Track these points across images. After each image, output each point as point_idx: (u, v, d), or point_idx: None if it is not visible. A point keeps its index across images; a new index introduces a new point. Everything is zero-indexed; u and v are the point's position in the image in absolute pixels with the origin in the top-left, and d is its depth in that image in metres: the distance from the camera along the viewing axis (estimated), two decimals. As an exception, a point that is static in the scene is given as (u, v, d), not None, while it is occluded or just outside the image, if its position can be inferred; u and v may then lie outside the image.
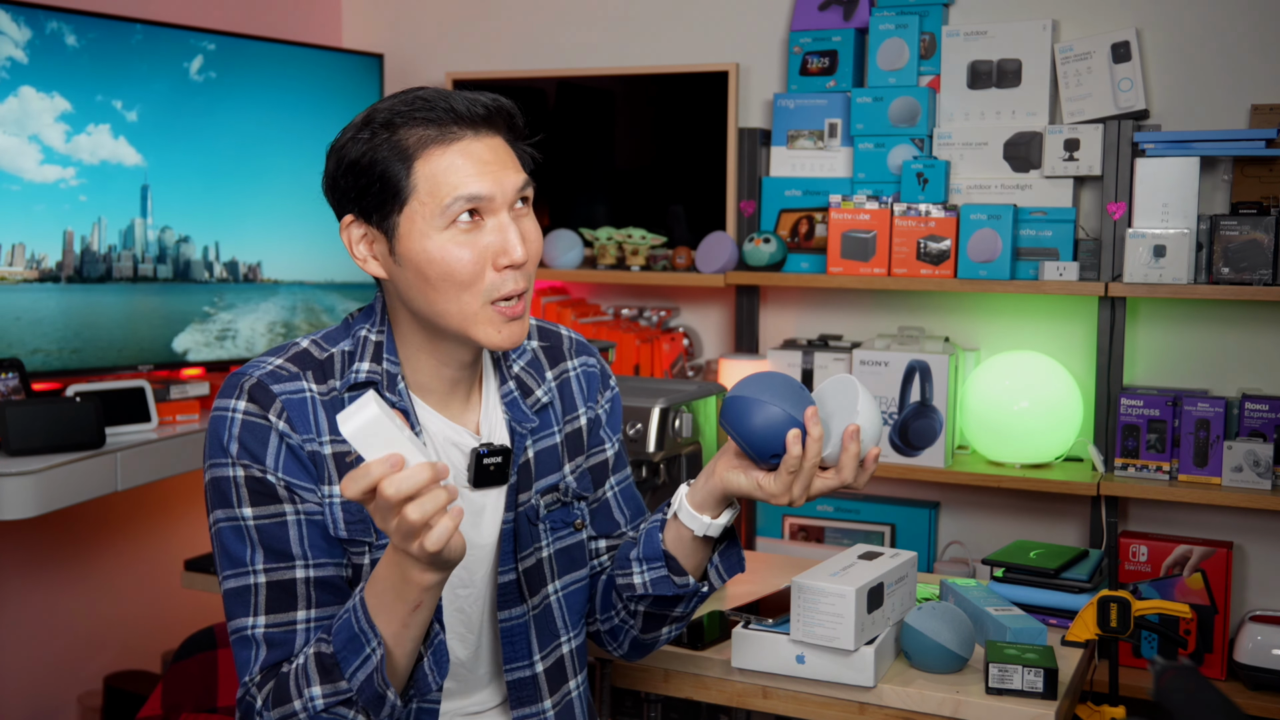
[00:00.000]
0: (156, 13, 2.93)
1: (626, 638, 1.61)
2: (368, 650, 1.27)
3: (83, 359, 2.67)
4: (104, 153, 2.70)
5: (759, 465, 1.43)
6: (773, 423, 1.38)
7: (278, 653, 1.35)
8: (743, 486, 1.43)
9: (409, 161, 1.34)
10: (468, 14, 3.54)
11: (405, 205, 1.35)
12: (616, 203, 3.32)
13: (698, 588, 1.51)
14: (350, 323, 1.48)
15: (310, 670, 1.30)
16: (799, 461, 1.38)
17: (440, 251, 1.34)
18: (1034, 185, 2.82)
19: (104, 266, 2.72)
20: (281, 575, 1.36)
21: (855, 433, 1.40)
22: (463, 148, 1.35)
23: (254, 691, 1.35)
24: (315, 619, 1.36)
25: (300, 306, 3.15)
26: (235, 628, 1.37)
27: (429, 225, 1.34)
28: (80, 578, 2.98)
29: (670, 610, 1.55)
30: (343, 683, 1.28)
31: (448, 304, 1.36)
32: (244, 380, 1.39)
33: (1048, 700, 1.67)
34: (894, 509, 3.02)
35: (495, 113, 1.38)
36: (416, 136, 1.34)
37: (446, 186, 1.34)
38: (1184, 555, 2.68)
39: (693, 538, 1.48)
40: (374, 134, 1.36)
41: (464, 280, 1.35)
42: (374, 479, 1.15)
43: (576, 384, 1.60)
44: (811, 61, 3.05)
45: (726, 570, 1.53)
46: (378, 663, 1.27)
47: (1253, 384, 2.77)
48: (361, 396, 1.17)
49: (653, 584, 1.49)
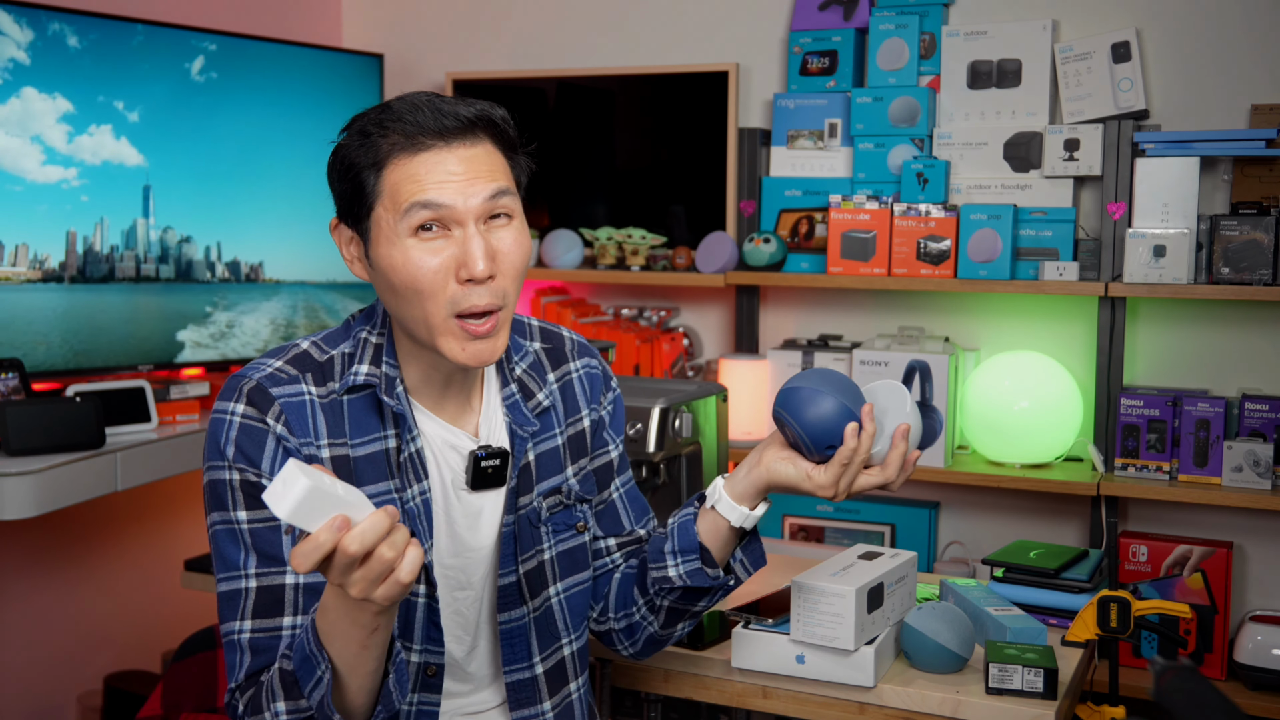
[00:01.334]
0: (157, 13, 2.94)
1: (643, 634, 1.61)
2: (319, 673, 1.25)
3: (88, 359, 2.68)
4: (106, 153, 2.70)
5: (809, 457, 1.46)
6: (831, 414, 1.42)
7: (262, 659, 1.35)
8: (791, 477, 1.46)
9: (380, 168, 1.35)
10: (468, 14, 3.54)
11: (373, 211, 1.36)
12: (616, 203, 3.32)
13: (726, 580, 1.52)
14: (351, 324, 1.48)
15: (275, 685, 1.29)
16: (852, 454, 1.42)
17: (403, 258, 1.34)
18: (1034, 185, 2.83)
19: (106, 267, 2.73)
20: (272, 580, 1.36)
21: (906, 432, 1.46)
22: (429, 158, 1.34)
23: (237, 697, 1.35)
24: (301, 625, 1.36)
25: (302, 306, 3.15)
26: (224, 631, 1.38)
27: (392, 232, 1.35)
28: (80, 578, 2.98)
29: (695, 604, 1.56)
30: (303, 700, 1.27)
31: (413, 312, 1.36)
32: (243, 383, 1.39)
33: (1048, 700, 1.67)
34: (894, 509, 3.02)
35: (476, 122, 1.36)
36: (389, 144, 1.35)
37: (404, 194, 1.34)
38: (1184, 555, 2.68)
39: (729, 528, 1.49)
40: (354, 139, 1.37)
41: (425, 290, 1.34)
42: (327, 549, 1.10)
43: (579, 386, 1.60)
44: (811, 61, 3.06)
45: (751, 564, 1.55)
46: (327, 686, 1.25)
47: (1253, 384, 2.77)
48: (281, 471, 1.09)
49: (689, 575, 1.50)
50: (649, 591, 1.56)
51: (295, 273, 3.12)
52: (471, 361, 1.37)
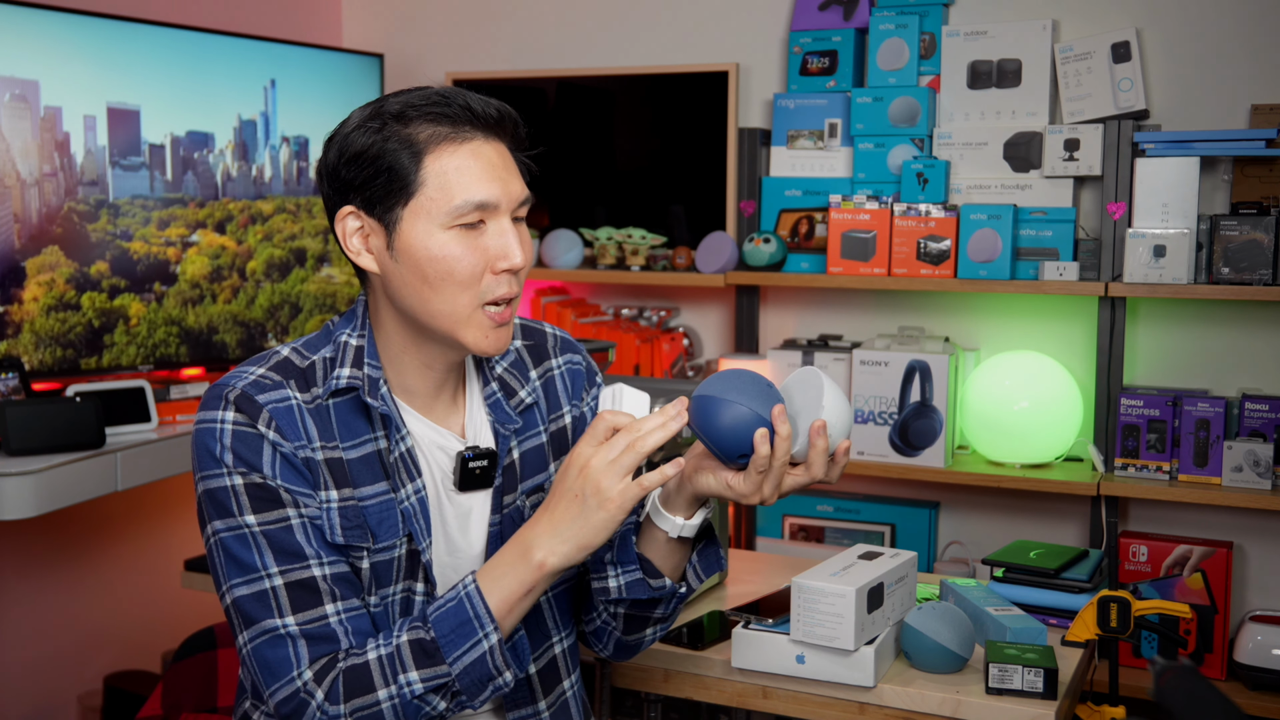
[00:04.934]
0: (157, 12, 2.93)
1: (610, 639, 1.59)
2: (479, 635, 1.31)
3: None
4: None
5: (728, 465, 1.40)
6: (739, 422, 1.34)
7: (324, 646, 1.33)
8: (712, 487, 1.41)
9: (419, 156, 1.34)
10: (468, 14, 3.54)
11: (411, 199, 1.35)
12: (616, 203, 3.32)
13: (674, 589, 1.48)
14: (331, 328, 1.47)
15: (405, 657, 1.31)
16: (768, 461, 1.35)
17: (442, 250, 1.34)
18: (1034, 185, 2.83)
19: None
20: (300, 575, 1.34)
21: (821, 428, 1.36)
22: (474, 149, 1.36)
23: (310, 687, 1.31)
24: (344, 611, 1.35)
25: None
26: (260, 630, 1.34)
27: (433, 222, 1.34)
28: (80, 578, 2.98)
29: (650, 612, 1.53)
30: (443, 666, 1.31)
31: (442, 304, 1.36)
32: (227, 391, 1.37)
33: (1048, 700, 1.67)
34: (894, 509, 3.02)
35: (504, 119, 1.39)
36: (429, 131, 1.34)
37: (458, 187, 1.34)
38: (1184, 555, 2.68)
39: (667, 539, 1.46)
40: (384, 124, 1.35)
41: (463, 281, 1.35)
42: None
43: (561, 382, 1.59)
44: (811, 61, 3.06)
45: (704, 570, 1.52)
46: (493, 645, 1.32)
47: (1253, 384, 2.77)
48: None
49: (628, 587, 1.46)
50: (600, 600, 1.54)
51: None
52: (492, 349, 1.39)
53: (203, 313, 2.87)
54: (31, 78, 2.52)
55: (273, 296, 3.02)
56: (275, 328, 3.03)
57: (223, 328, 2.91)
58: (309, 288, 3.11)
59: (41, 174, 2.54)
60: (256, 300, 2.99)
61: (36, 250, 2.54)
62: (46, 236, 2.56)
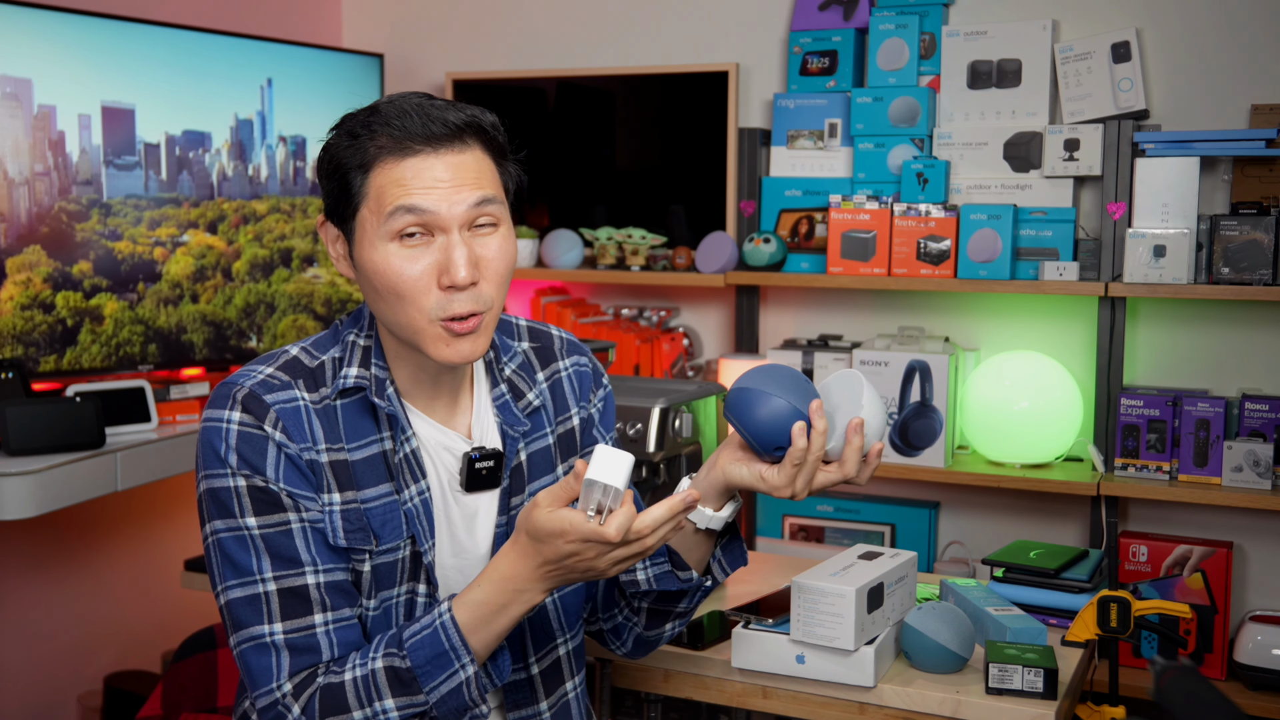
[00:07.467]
0: (157, 12, 2.93)
1: (630, 635, 1.60)
2: (455, 666, 1.31)
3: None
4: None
5: (762, 458, 1.43)
6: (778, 415, 1.38)
7: (305, 658, 1.34)
8: (745, 479, 1.43)
9: (366, 170, 1.35)
10: (468, 14, 3.54)
11: (357, 212, 1.36)
12: (616, 203, 3.32)
13: (700, 582, 1.50)
14: (339, 328, 1.47)
15: (380, 683, 1.31)
16: (803, 454, 1.38)
17: (384, 263, 1.35)
18: (1034, 185, 2.83)
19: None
20: (293, 582, 1.35)
21: (859, 426, 1.40)
22: (416, 163, 1.34)
23: (288, 701, 1.33)
24: (333, 621, 1.36)
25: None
26: (248, 636, 1.35)
27: (375, 235, 1.35)
28: (80, 578, 2.98)
29: (674, 606, 1.54)
30: (420, 696, 1.31)
31: (396, 315, 1.37)
32: (235, 390, 1.38)
33: (1048, 700, 1.67)
34: (894, 509, 3.02)
35: (465, 129, 1.36)
36: (376, 147, 1.35)
37: (389, 198, 1.34)
38: (1184, 555, 2.68)
39: (695, 531, 1.48)
40: (342, 139, 1.37)
41: (407, 295, 1.34)
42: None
43: (568, 384, 1.59)
44: (811, 61, 3.06)
45: (729, 564, 1.54)
46: (469, 676, 1.32)
47: (1253, 384, 2.77)
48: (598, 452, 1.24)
49: (656, 579, 1.48)
50: (626, 594, 1.55)
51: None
52: (457, 359, 1.37)
53: (174, 313, 2.83)
54: (25, 76, 2.51)
55: (249, 296, 2.99)
56: (251, 327, 2.99)
57: (191, 327, 2.86)
58: (287, 288, 3.07)
59: (33, 173, 2.53)
60: (233, 300, 2.96)
61: (19, 249, 2.52)
62: (32, 236, 2.55)
